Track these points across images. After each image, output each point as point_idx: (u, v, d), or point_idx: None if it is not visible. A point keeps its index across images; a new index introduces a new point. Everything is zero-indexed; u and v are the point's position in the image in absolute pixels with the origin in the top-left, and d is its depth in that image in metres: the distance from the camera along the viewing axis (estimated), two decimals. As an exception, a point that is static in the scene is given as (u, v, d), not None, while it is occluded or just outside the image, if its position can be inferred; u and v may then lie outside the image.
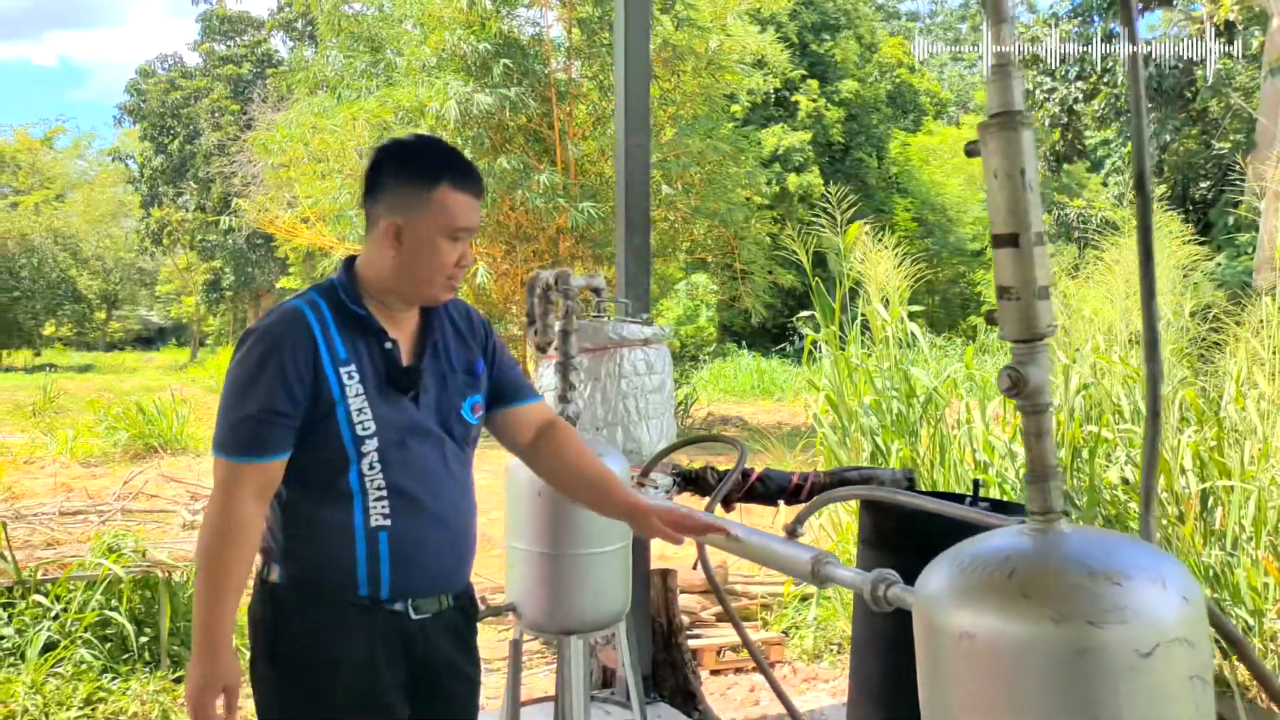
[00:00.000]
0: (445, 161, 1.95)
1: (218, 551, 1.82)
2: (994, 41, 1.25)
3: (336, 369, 1.88)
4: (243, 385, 1.86)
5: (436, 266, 1.93)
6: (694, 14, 13.63)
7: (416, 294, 1.97)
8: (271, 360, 1.85)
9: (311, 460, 1.88)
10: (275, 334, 1.87)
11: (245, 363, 1.87)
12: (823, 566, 1.71)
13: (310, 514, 1.92)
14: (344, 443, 1.87)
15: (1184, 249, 6.71)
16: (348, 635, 1.90)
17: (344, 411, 1.87)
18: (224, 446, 1.86)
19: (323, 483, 1.89)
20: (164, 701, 4.30)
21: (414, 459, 1.93)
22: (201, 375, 24.61)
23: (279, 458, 1.86)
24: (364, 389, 1.89)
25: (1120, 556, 1.20)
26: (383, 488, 1.90)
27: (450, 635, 2.04)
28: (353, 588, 1.91)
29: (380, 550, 1.90)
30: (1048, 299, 1.24)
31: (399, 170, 1.95)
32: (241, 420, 1.85)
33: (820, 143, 27.04)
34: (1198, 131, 19.14)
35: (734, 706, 4.69)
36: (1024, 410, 1.26)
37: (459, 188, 1.93)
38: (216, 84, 33.34)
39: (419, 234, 1.91)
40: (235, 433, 1.85)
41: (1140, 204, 1.31)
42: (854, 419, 6.11)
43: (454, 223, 1.92)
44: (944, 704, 1.25)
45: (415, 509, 1.93)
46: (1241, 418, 5.09)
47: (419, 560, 1.94)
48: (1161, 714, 1.14)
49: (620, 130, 3.85)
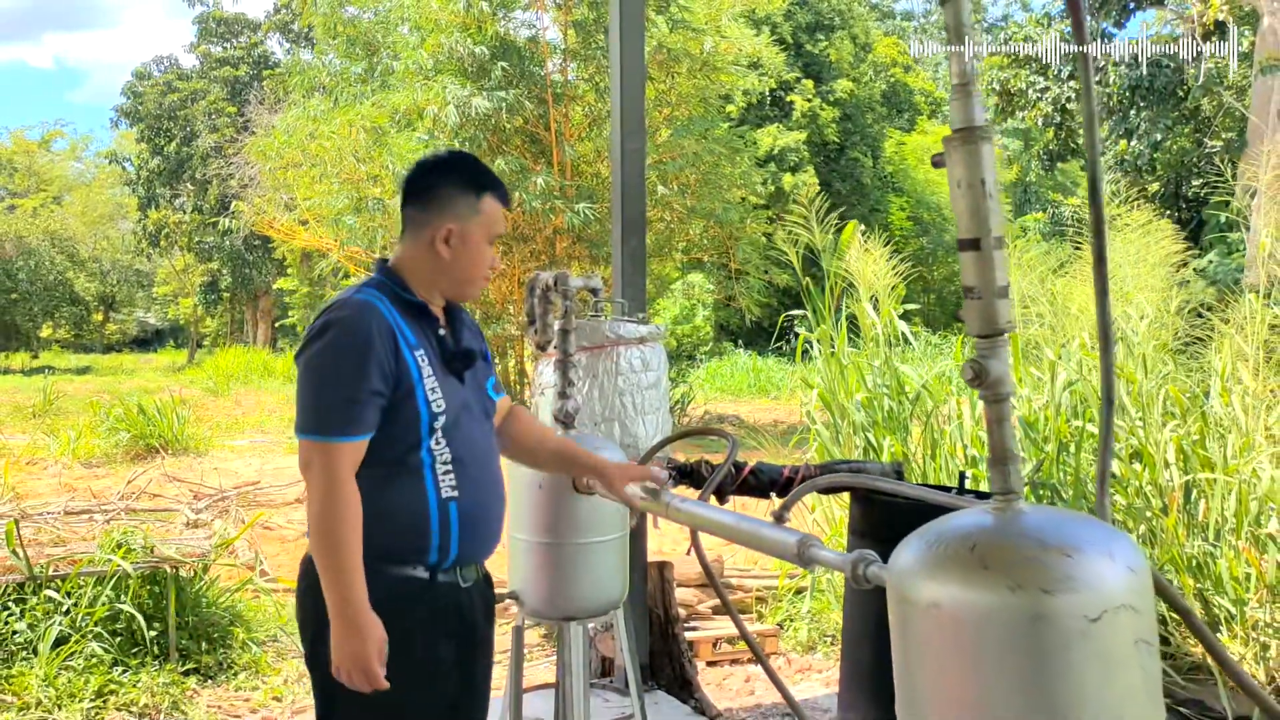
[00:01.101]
0: (489, 175, 2.23)
1: (335, 530, 1.94)
2: (955, 63, 1.37)
3: (412, 352, 2.07)
4: (334, 369, 2.00)
5: (480, 267, 2.19)
6: (689, 16, 13.74)
7: (459, 291, 2.21)
8: (362, 344, 2.00)
9: (388, 437, 2.03)
10: (359, 320, 2.03)
11: (332, 349, 2.01)
12: (808, 549, 1.82)
13: (383, 489, 2.03)
14: (421, 419, 2.05)
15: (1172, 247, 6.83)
16: (410, 610, 2.04)
17: (422, 390, 2.05)
18: (320, 428, 1.99)
19: (397, 459, 2.04)
20: (174, 693, 4.41)
21: (468, 434, 2.13)
22: (200, 376, 24.68)
23: (369, 436, 2.01)
24: (434, 370, 2.09)
25: (1072, 532, 1.32)
26: (449, 461, 2.08)
27: (484, 605, 2.22)
28: (424, 556, 2.06)
29: (451, 519, 2.08)
30: (1007, 298, 1.35)
31: (450, 180, 2.18)
32: (338, 402, 1.98)
33: (815, 142, 27.16)
34: (1190, 130, 19.27)
35: (730, 696, 4.81)
36: (986, 399, 1.37)
37: (498, 198, 2.21)
38: (213, 86, 33.40)
39: (469, 238, 2.15)
40: (331, 414, 1.99)
41: (1093, 210, 1.43)
42: (847, 416, 6.23)
43: (495, 229, 2.19)
44: (915, 670, 1.37)
45: (475, 479, 2.12)
46: (1226, 412, 5.21)
47: (484, 527, 2.14)
48: (1110, 675, 1.25)
49: (615, 134, 3.96)
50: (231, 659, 4.89)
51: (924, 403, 6.17)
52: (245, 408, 18.73)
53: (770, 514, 1.95)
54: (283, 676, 4.85)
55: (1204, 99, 18.54)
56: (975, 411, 5.95)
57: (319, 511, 1.95)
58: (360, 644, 1.93)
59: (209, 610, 5.03)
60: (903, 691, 1.40)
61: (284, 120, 15.39)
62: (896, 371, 6.26)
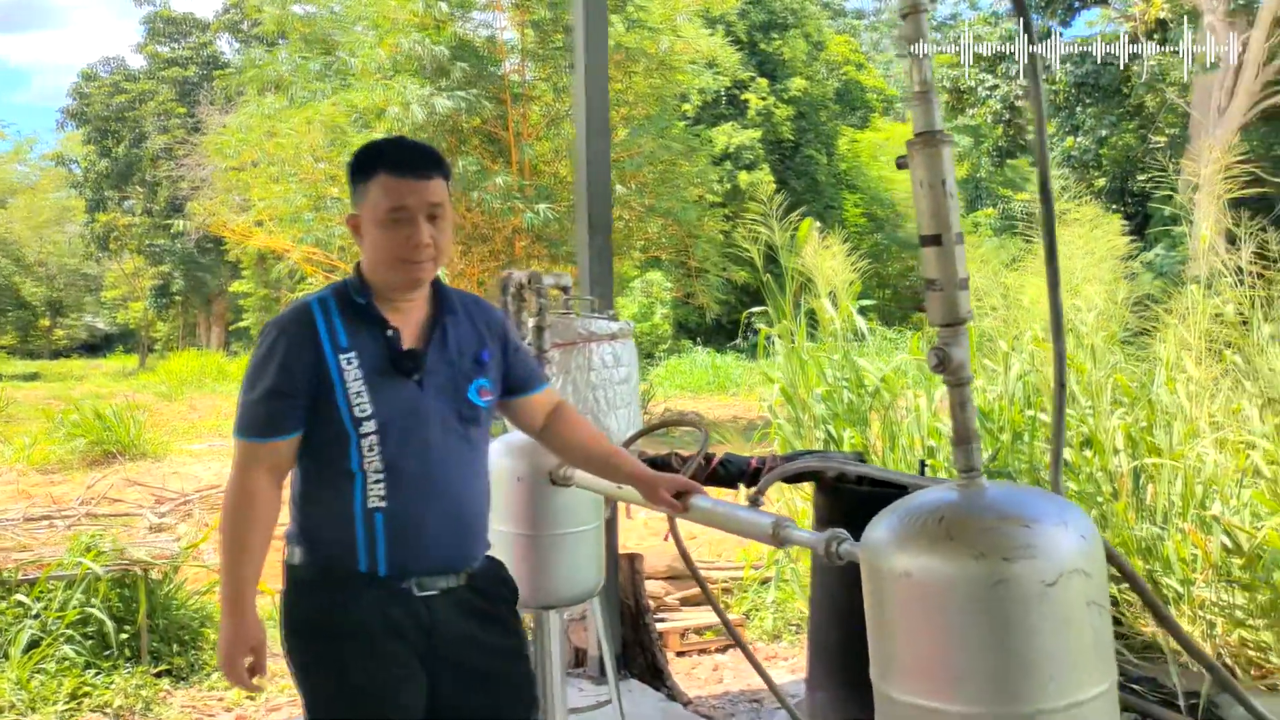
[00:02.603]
0: (380, 152, 2.10)
1: (233, 524, 2.00)
2: (916, 70, 1.47)
3: (336, 354, 2.03)
4: (254, 372, 2.05)
5: (385, 250, 2.05)
6: (645, 16, 13.84)
7: (387, 279, 2.09)
8: (277, 347, 2.03)
9: (317, 443, 2.05)
10: (281, 324, 2.07)
11: (258, 352, 2.07)
12: (782, 529, 1.92)
13: (317, 495, 2.08)
14: (344, 424, 2.01)
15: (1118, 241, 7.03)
16: (355, 610, 2.04)
17: (342, 394, 2.02)
18: (239, 428, 2.05)
19: (327, 464, 2.05)
20: (147, 694, 4.43)
21: (417, 440, 2.05)
22: (152, 381, 24.39)
23: (287, 438, 2.03)
24: (363, 373, 2.03)
25: (1030, 504, 1.43)
26: (380, 469, 2.02)
27: (468, 613, 2.13)
28: (354, 564, 2.04)
29: (376, 529, 2.04)
30: (966, 289, 1.46)
31: (351, 172, 2.12)
32: (253, 403, 2.03)
33: (770, 140, 27.39)
34: (1134, 126, 19.70)
35: (698, 685, 4.91)
36: (949, 384, 1.49)
37: (394, 173, 2.03)
38: (162, 87, 32.98)
39: (367, 222, 2.07)
40: (248, 415, 2.04)
41: (1044, 208, 1.54)
42: (807, 409, 6.36)
43: (387, 204, 2.02)
44: (888, 635, 1.47)
45: (415, 489, 2.05)
46: (1171, 400, 5.39)
47: (417, 539, 2.06)
48: (1065, 633, 1.37)
49: (581, 135, 4.04)
50: (203, 660, 4.91)
51: (882, 396, 6.32)
52: (201, 412, 18.56)
53: (746, 498, 2.05)
54: (255, 676, 4.88)
55: (1147, 96, 18.97)
56: (933, 403, 6.10)
57: (225, 506, 2.02)
58: (232, 639, 1.99)
59: (179, 612, 5.04)
60: (877, 657, 1.50)
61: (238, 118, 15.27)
62: (855, 365, 6.40)
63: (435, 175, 2.08)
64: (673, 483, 2.20)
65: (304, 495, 2.10)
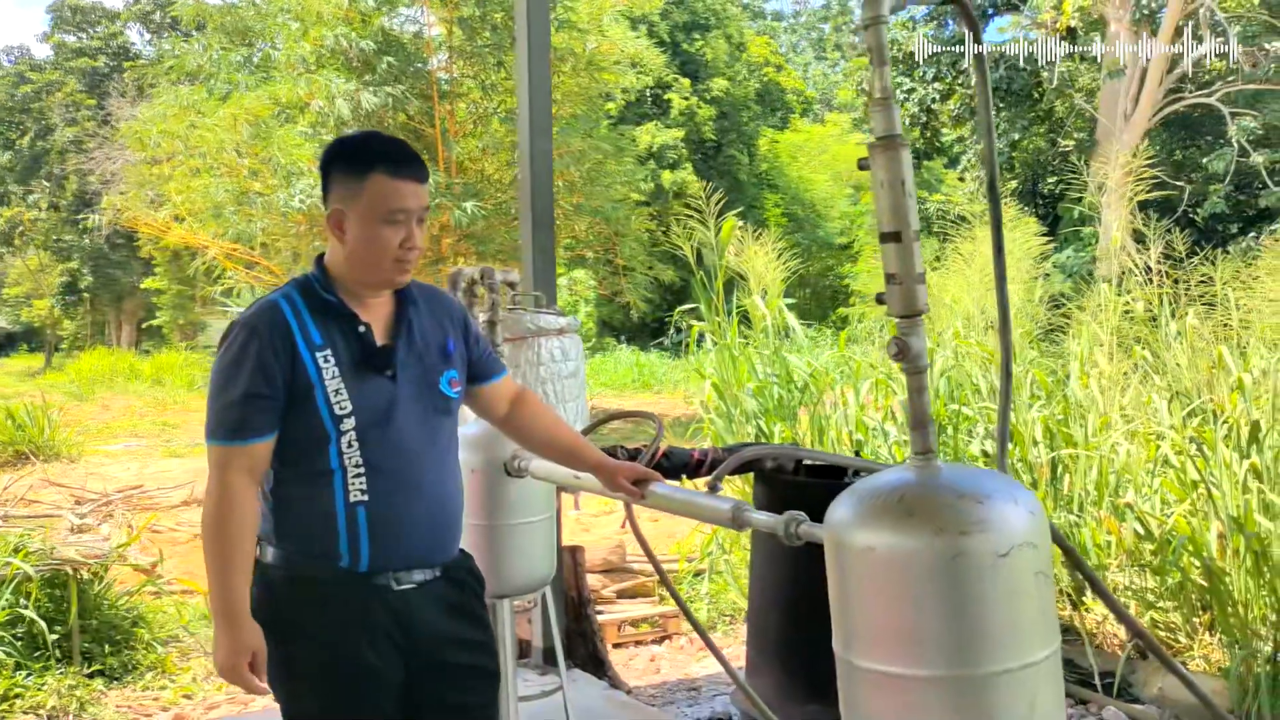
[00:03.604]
0: (379, 150, 2.08)
1: (217, 530, 1.96)
2: (876, 80, 1.57)
3: (312, 353, 2.01)
4: (226, 374, 2.00)
5: (379, 250, 2.04)
6: (573, 16, 13.90)
7: (370, 278, 2.08)
8: (250, 348, 1.99)
9: (294, 442, 2.02)
10: (253, 324, 2.02)
11: (228, 354, 2.01)
12: (741, 513, 2.01)
13: (295, 493, 2.06)
14: (324, 422, 2.01)
15: (1034, 241, 7.30)
16: (328, 609, 2.04)
17: (321, 392, 2.01)
18: (213, 432, 2.00)
19: (305, 462, 2.03)
20: (80, 695, 4.37)
21: (394, 435, 2.06)
22: (60, 380, 23.68)
23: (264, 440, 2.00)
24: (340, 371, 2.02)
25: (983, 483, 1.55)
26: (361, 465, 2.02)
27: (442, 606, 2.14)
28: (334, 561, 2.04)
29: (359, 525, 2.03)
30: (923, 283, 1.57)
31: (338, 163, 2.08)
32: (226, 406, 1.99)
33: (693, 140, 27.62)
34: (1044, 130, 20.32)
35: (636, 675, 5.00)
36: (907, 371, 1.59)
37: (393, 174, 2.03)
38: (69, 77, 31.99)
39: (358, 219, 2.03)
40: (222, 418, 2.00)
41: (992, 206, 1.66)
42: (739, 405, 6.49)
43: (387, 204, 2.02)
44: (852, 608, 1.57)
45: (394, 484, 2.05)
46: (1085, 394, 5.63)
47: (397, 534, 2.06)
48: (1015, 601, 1.48)
49: (524, 134, 4.09)
50: (136, 660, 4.84)
51: (810, 391, 6.48)
52: (114, 412, 18.10)
53: (705, 485, 2.14)
54: (191, 674, 4.84)
55: (1057, 101, 19.58)
56: (859, 398, 6.27)
57: (207, 513, 1.98)
58: (232, 646, 1.96)
59: (110, 612, 4.97)
60: (840, 628, 1.60)
61: (153, 108, 14.87)
62: (785, 362, 6.54)
63: (425, 179, 2.12)
64: (632, 471, 2.25)
65: (278, 494, 2.08)
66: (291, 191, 12.53)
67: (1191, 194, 17.47)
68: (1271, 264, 5.20)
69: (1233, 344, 5.03)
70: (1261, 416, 4.45)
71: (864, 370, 6.56)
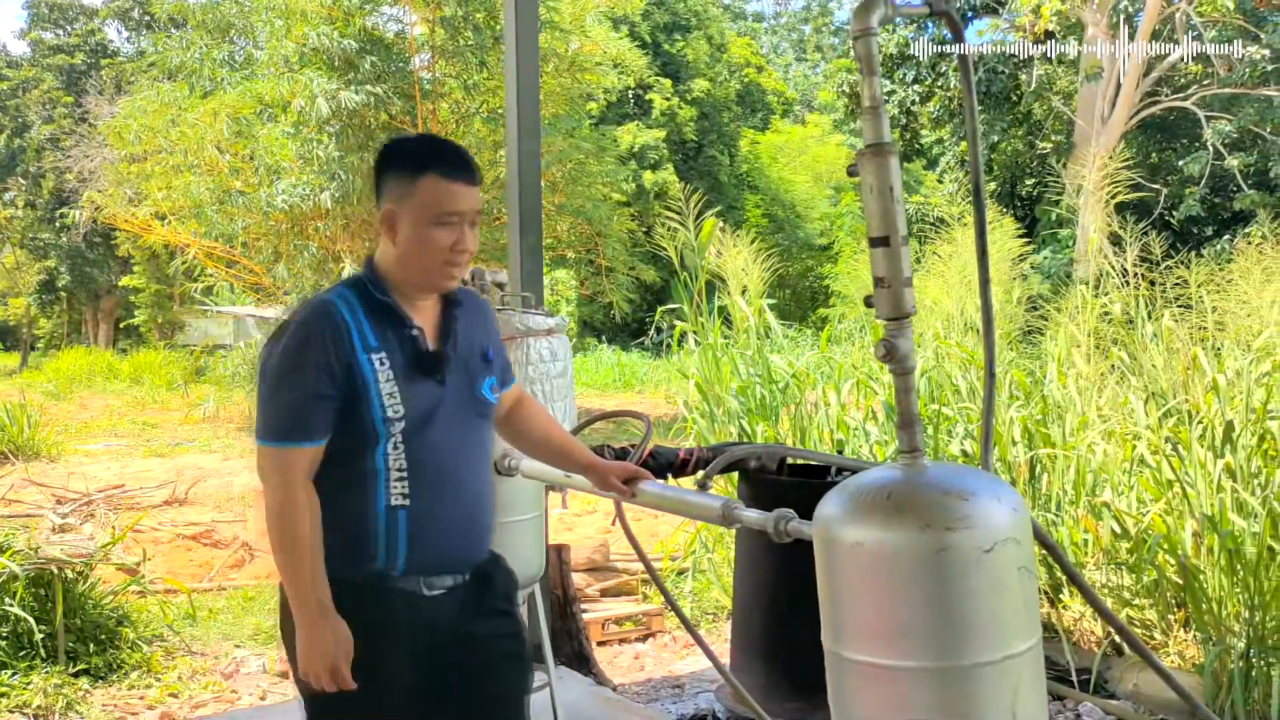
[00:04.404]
0: (432, 151, 2.07)
1: (291, 537, 1.94)
2: (866, 89, 1.62)
3: (368, 354, 1.99)
4: (284, 374, 1.96)
5: (431, 252, 2.02)
6: (556, 17, 13.93)
7: (420, 280, 2.06)
8: (309, 347, 1.95)
9: (341, 442, 1.99)
10: (310, 323, 1.99)
11: (285, 353, 1.97)
12: (731, 510, 2.05)
13: (334, 493, 2.00)
14: (375, 424, 1.98)
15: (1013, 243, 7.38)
16: (366, 611, 2.00)
17: (376, 394, 1.98)
18: (273, 434, 1.96)
19: (349, 463, 1.99)
20: (67, 694, 4.38)
21: (437, 439, 2.04)
22: (37, 380, 23.46)
23: (323, 441, 1.97)
24: (394, 373, 2.00)
25: (968, 480, 1.60)
26: (404, 468, 2.00)
27: (469, 609, 2.12)
28: (369, 563, 2.01)
29: (398, 527, 2.01)
30: (910, 287, 1.62)
31: (391, 163, 2.07)
32: (287, 407, 1.96)
33: (674, 140, 27.70)
34: (1023, 132, 20.49)
35: (621, 672, 5.05)
36: (895, 372, 1.64)
37: (447, 176, 2.02)
38: (46, 75, 31.71)
39: (410, 220, 2.01)
40: (281, 419, 1.96)
41: (976, 209, 1.71)
42: (722, 404, 6.54)
43: (441, 207, 2.00)
44: (841, 602, 1.62)
45: (435, 488, 2.04)
46: (1063, 394, 5.70)
47: (435, 538, 2.04)
48: (999, 595, 1.53)
49: (512, 134, 4.12)
50: (121, 659, 4.85)
51: (792, 391, 6.53)
52: (93, 411, 18.00)
53: (695, 483, 2.18)
54: (177, 674, 4.85)
55: (1035, 103, 19.75)
56: (840, 397, 6.33)
57: (275, 518, 1.95)
58: (333, 652, 1.93)
59: (94, 612, 4.97)
60: (829, 622, 1.64)
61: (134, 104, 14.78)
62: (767, 362, 6.60)
63: (479, 182, 2.09)
64: (623, 470, 2.28)
65: (322, 490, 2.01)
66: (274, 190, 12.51)
67: (1167, 196, 17.68)
68: (1245, 266, 5.28)
69: (1208, 345, 5.10)
70: (1235, 417, 4.52)
71: (845, 370, 6.62)
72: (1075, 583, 1.75)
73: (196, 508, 9.00)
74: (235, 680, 4.91)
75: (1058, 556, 1.76)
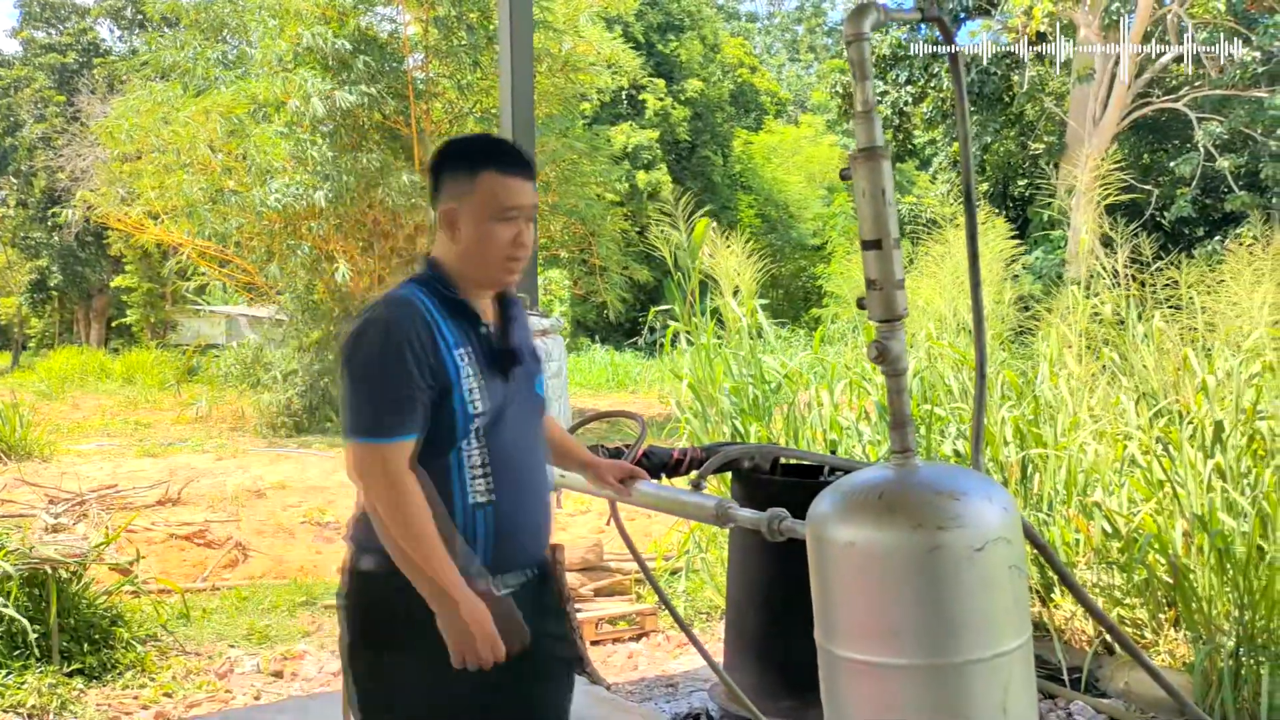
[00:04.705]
0: (489, 148, 2.07)
1: (414, 527, 1.90)
2: (858, 93, 1.64)
3: (451, 351, 1.98)
4: (380, 370, 1.93)
5: (492, 247, 2.02)
6: (549, 17, 13.95)
7: (481, 276, 2.06)
8: (402, 343, 1.93)
9: (426, 438, 1.96)
10: (398, 319, 1.96)
11: (375, 349, 1.94)
12: (725, 510, 2.07)
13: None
14: (456, 421, 1.97)
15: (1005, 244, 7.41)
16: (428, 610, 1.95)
17: (459, 391, 1.97)
18: (371, 430, 1.92)
19: (432, 460, 1.97)
20: (61, 693, 4.37)
21: (511, 436, 2.04)
22: (29, 379, 23.41)
23: (419, 435, 1.95)
24: (474, 370, 1.99)
25: (959, 480, 1.62)
26: (484, 464, 2.00)
27: (533, 607, 2.08)
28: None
29: (478, 526, 2.00)
30: (903, 289, 1.64)
31: (448, 162, 2.06)
32: (385, 403, 1.92)
33: (668, 141, 27.72)
34: (1015, 133, 20.55)
35: (615, 671, 5.06)
36: (887, 373, 1.66)
37: (504, 171, 2.02)
38: (38, 74, 31.63)
39: (470, 217, 2.01)
40: (383, 415, 1.92)
41: (968, 215, 1.73)
42: (714, 404, 6.56)
43: (501, 203, 2.00)
44: (833, 600, 1.64)
45: (512, 486, 2.03)
46: (1054, 394, 5.73)
47: (513, 535, 2.04)
48: (990, 593, 1.55)
49: (506, 135, 4.14)
50: (115, 659, 4.84)
51: (785, 391, 6.55)
52: (85, 411, 17.95)
53: (690, 483, 2.20)
54: (171, 673, 4.85)
55: (1028, 105, 19.81)
56: (834, 398, 6.36)
57: (389, 514, 1.92)
58: (474, 622, 1.90)
59: (88, 611, 4.97)
60: (822, 620, 1.66)
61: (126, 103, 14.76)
62: (760, 362, 6.62)
63: (534, 176, 2.11)
64: (619, 469, 2.30)
65: None
66: (267, 189, 12.50)
67: (1159, 197, 17.75)
68: (1235, 268, 5.31)
69: (1198, 346, 5.13)
70: (1225, 417, 4.55)
71: (838, 371, 6.64)
72: (1065, 581, 1.77)
73: (190, 508, 8.99)
74: (229, 680, 4.91)
75: (1048, 556, 1.78)
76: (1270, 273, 5.07)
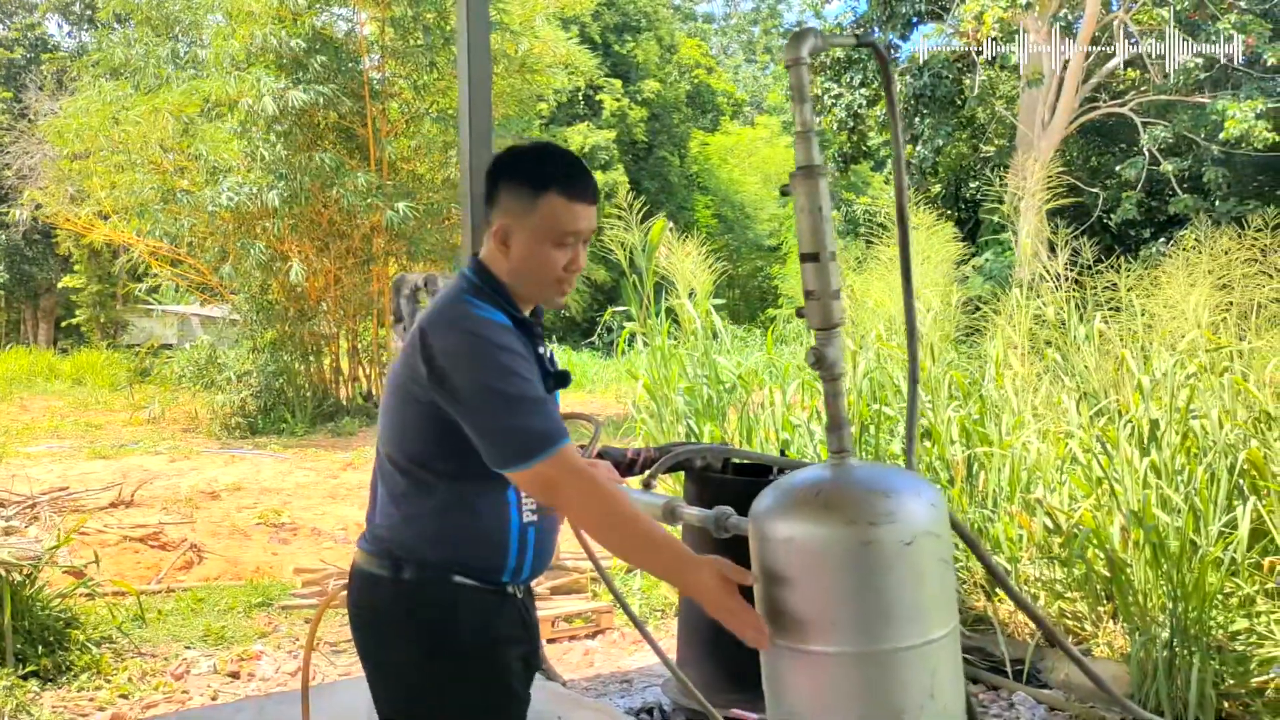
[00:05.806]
0: (555, 168, 1.98)
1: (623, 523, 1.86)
2: (797, 115, 1.73)
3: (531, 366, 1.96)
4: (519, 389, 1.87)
5: (545, 270, 1.97)
6: (505, 18, 13.97)
7: (531, 295, 2.02)
8: (514, 355, 1.89)
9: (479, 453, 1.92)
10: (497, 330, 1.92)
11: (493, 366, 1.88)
12: (674, 508, 2.16)
13: (470, 504, 1.97)
14: None
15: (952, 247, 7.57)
16: (486, 618, 1.98)
17: None
18: (546, 440, 1.85)
19: (486, 476, 1.92)
20: (17, 696, 4.38)
21: None
22: (-25, 381, 22.98)
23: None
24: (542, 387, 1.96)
25: (890, 479, 1.72)
26: None
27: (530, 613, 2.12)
28: (498, 575, 1.99)
29: (529, 541, 2.01)
30: (839, 299, 1.74)
31: (510, 176, 1.98)
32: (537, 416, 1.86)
33: (625, 141, 27.80)
34: (967, 136, 20.86)
35: (571, 668, 5.14)
36: (824, 379, 1.75)
37: (568, 195, 1.95)
38: (-17, 68, 31.04)
39: (525, 237, 1.96)
40: (543, 428, 1.86)
41: (900, 232, 1.83)
42: (670, 404, 6.66)
43: (561, 227, 1.95)
44: (775, 592, 1.72)
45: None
46: (1000, 394, 5.89)
47: (549, 547, 2.07)
48: (920, 585, 1.65)
49: (464, 143, 4.19)
50: (70, 661, 4.85)
51: (739, 391, 6.66)
52: (33, 412, 17.67)
53: (640, 483, 2.28)
54: (127, 675, 4.86)
55: (979, 108, 20.13)
56: (786, 398, 6.47)
57: (600, 511, 1.87)
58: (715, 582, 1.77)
59: (43, 614, 4.96)
60: (764, 614, 1.75)
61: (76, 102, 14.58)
62: (714, 363, 6.72)
63: (598, 200, 2.05)
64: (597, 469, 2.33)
65: (449, 506, 1.97)
66: (219, 189, 12.41)
67: (1106, 200, 18.12)
68: (1172, 271, 5.48)
69: (1136, 347, 5.30)
70: (1161, 416, 4.71)
71: (791, 371, 6.76)
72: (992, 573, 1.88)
73: (143, 510, 8.93)
74: (186, 681, 4.92)
75: (976, 548, 1.89)
76: (1205, 275, 5.25)
